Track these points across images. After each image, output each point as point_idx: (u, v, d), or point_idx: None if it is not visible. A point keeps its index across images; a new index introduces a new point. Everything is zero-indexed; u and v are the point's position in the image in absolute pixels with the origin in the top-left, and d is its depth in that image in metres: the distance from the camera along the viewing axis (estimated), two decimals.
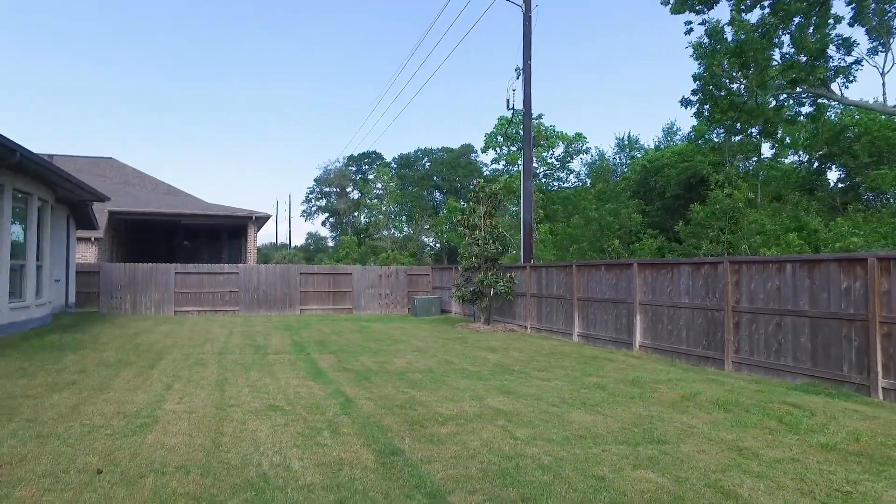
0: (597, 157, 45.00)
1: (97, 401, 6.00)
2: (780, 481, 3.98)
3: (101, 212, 23.49)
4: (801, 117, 20.19)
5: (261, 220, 28.21)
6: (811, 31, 17.38)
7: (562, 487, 3.79)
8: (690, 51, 18.57)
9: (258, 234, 29.65)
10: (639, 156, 40.86)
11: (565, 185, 44.06)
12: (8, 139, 8.43)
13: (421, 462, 4.25)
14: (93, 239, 22.14)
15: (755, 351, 8.61)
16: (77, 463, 4.10)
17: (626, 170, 42.66)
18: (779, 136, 23.79)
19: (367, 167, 69.54)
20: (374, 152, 68.83)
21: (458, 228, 16.39)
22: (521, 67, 17.68)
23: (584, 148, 43.69)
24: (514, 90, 18.13)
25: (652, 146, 42.97)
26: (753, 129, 21.68)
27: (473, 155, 60.61)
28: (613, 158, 46.17)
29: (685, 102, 18.78)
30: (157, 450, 4.40)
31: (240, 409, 5.76)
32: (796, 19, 17.50)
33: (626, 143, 46.29)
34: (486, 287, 15.67)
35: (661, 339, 10.50)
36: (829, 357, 7.49)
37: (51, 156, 28.18)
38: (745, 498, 3.68)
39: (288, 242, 64.00)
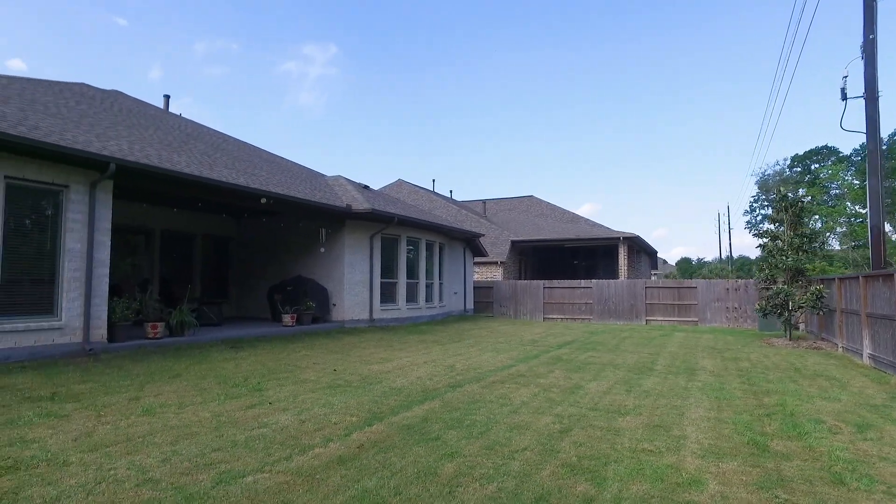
0: None
1: (378, 354, 11.20)
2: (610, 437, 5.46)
3: (506, 241, 31.66)
4: None
5: (628, 239, 31.30)
6: None
7: (474, 415, 6.42)
8: None
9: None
10: None
11: None
12: (385, 211, 15.40)
13: (445, 393, 7.46)
14: (499, 262, 30.21)
15: None
16: (331, 367, 9.23)
17: None
18: None
19: (817, 165, 61.33)
20: (826, 146, 60.19)
21: (761, 239, 15.83)
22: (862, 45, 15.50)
23: None
24: (845, 76, 15.90)
25: None
26: None
27: None
28: None
29: None
30: (358, 370, 9.07)
31: (430, 363, 9.95)
32: None
33: None
34: (786, 300, 14.68)
35: None
36: None
37: (484, 201, 38.98)
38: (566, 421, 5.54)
39: (730, 255, 62.84)
